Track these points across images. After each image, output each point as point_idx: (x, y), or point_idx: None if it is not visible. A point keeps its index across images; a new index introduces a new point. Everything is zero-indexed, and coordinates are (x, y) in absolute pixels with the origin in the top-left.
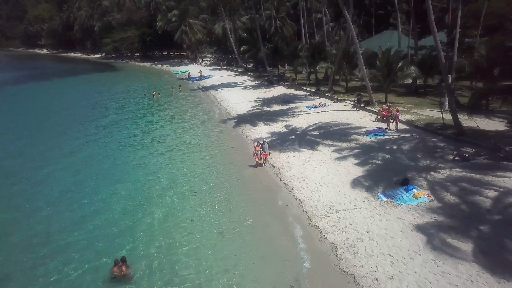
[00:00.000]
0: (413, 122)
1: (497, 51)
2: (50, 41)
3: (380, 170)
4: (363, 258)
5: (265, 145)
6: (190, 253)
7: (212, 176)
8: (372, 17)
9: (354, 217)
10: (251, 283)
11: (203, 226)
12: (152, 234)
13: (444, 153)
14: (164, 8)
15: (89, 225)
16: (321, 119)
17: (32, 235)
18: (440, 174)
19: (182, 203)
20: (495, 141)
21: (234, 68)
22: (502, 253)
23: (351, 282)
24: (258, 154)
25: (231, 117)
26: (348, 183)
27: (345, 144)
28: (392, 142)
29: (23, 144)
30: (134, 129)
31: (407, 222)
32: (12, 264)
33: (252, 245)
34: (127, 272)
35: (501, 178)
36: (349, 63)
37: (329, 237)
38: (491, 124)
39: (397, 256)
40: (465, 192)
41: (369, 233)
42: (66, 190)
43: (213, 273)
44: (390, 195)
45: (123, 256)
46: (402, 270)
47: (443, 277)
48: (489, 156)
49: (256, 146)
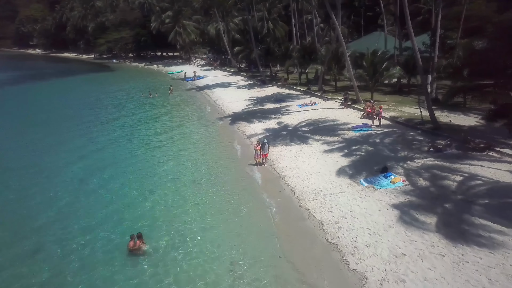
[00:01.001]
0: (395, 118)
1: (466, 52)
2: (42, 41)
3: (363, 161)
4: (346, 232)
5: (265, 145)
6: (198, 232)
7: (213, 167)
8: (361, 18)
9: (339, 200)
10: (250, 256)
11: (208, 208)
12: (163, 216)
13: (421, 145)
14: (158, 9)
15: (108, 209)
16: (311, 116)
17: (58, 215)
18: (415, 163)
19: (188, 190)
20: (465, 134)
21: (228, 68)
22: (460, 224)
23: (335, 250)
24: (258, 153)
25: (227, 115)
26: (334, 172)
27: (332, 138)
28: (375, 136)
29: (51, 139)
30: (135, 127)
31: (384, 202)
32: (45, 235)
33: (249, 224)
34: (141, 246)
35: (467, 166)
36: (337, 64)
37: (317, 215)
38: (466, 120)
39: (374, 229)
40: (435, 177)
41: (351, 212)
42: (86, 178)
43: (220, 249)
44: (371, 181)
45: (139, 233)
46: (377, 239)
47: (410, 244)
48: (459, 147)
49: (256, 146)
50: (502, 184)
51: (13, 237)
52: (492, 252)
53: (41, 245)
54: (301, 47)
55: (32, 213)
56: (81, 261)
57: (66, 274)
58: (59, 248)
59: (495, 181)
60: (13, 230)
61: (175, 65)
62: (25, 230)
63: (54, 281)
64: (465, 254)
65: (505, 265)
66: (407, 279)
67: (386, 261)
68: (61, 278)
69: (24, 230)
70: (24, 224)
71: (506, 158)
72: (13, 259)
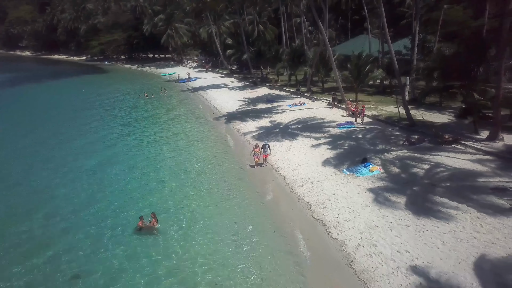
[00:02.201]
0: (376, 116)
1: (437, 56)
2: (32, 43)
3: (346, 153)
4: (329, 210)
5: (266, 146)
6: (202, 212)
7: (212, 161)
8: (348, 21)
9: (324, 186)
10: (251, 229)
11: (209, 194)
12: (171, 200)
13: (397, 140)
14: (150, 12)
15: (126, 196)
16: (300, 115)
17: (77, 198)
18: (391, 154)
19: (192, 179)
20: (436, 130)
21: (220, 70)
22: (424, 202)
23: (320, 224)
24: (257, 155)
25: (221, 115)
26: (320, 163)
27: (319, 134)
28: (357, 132)
29: (67, 138)
30: (137, 127)
31: (363, 187)
32: (77, 217)
33: (245, 206)
34: (154, 225)
35: (435, 156)
36: (325, 66)
37: (305, 198)
38: (440, 118)
39: (353, 208)
40: (407, 166)
41: (335, 195)
42: (105, 171)
43: (222, 226)
44: (352, 170)
45: (152, 212)
46: (355, 216)
47: (382, 218)
48: (431, 141)
49: (255, 148)
50: (462, 170)
51: (48, 219)
52: (447, 223)
53: (77, 224)
54: (290, 50)
55: (65, 199)
56: (107, 237)
57: (100, 246)
58: (89, 227)
59: (456, 168)
60: (48, 212)
61: (167, 67)
62: (61, 212)
63: (88, 254)
64: (426, 224)
65: (456, 231)
66: (378, 244)
67: (362, 232)
68: (94, 248)
69: (60, 213)
70: (59, 207)
71: (469, 150)
72: (52, 236)
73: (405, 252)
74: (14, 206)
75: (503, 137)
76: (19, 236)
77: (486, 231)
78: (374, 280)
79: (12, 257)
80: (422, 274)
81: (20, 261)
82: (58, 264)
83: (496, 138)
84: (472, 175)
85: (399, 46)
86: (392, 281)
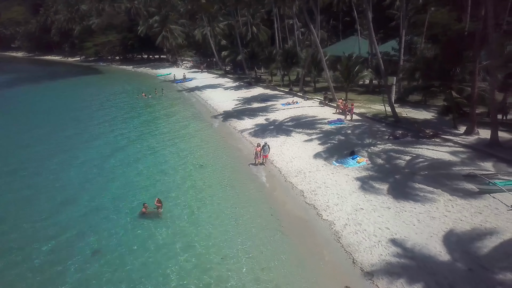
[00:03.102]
0: (364, 114)
1: (420, 58)
2: (25, 44)
3: (336, 147)
4: (320, 196)
5: (266, 147)
6: (204, 198)
7: (212, 155)
8: (340, 23)
9: (316, 176)
10: (251, 213)
11: (210, 183)
12: (175, 188)
13: (382, 135)
14: (145, 14)
15: (136, 185)
16: (294, 113)
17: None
18: (377, 148)
19: (194, 171)
20: (418, 126)
21: (214, 70)
22: (404, 188)
23: (312, 208)
24: (258, 155)
25: (219, 114)
26: (312, 156)
27: (311, 131)
28: (346, 128)
29: (79, 136)
30: (140, 125)
31: (350, 176)
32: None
33: (246, 194)
34: (159, 210)
35: (416, 149)
36: (316, 67)
37: (299, 187)
38: (423, 115)
39: (341, 194)
40: (391, 158)
41: (325, 183)
42: (118, 166)
43: (224, 209)
44: (341, 162)
45: (158, 198)
46: (343, 200)
47: (367, 202)
48: (413, 135)
49: (257, 147)
50: (439, 161)
51: (65, 203)
52: (423, 204)
53: (95, 209)
54: (283, 51)
55: (83, 188)
56: (118, 219)
57: (115, 227)
58: (105, 211)
59: (434, 159)
60: (67, 198)
61: (162, 68)
62: (79, 199)
63: (106, 233)
64: (405, 206)
65: (430, 211)
66: (363, 223)
67: (348, 213)
68: (111, 229)
69: (78, 199)
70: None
71: (447, 143)
72: (74, 218)
73: (386, 229)
74: (37, 194)
75: (478, 131)
76: (44, 219)
77: (456, 211)
78: (358, 252)
79: (40, 237)
80: (399, 246)
81: (46, 240)
82: (80, 242)
83: (472, 132)
84: (448, 165)
85: (387, 47)
86: (374, 252)
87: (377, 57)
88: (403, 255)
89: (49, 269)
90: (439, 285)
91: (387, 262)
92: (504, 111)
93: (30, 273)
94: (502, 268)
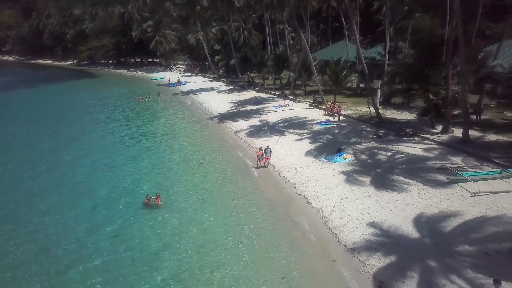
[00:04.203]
0: (351, 115)
1: (401, 63)
2: (17, 48)
3: (324, 146)
4: (310, 188)
5: (268, 150)
6: (202, 192)
7: (210, 153)
8: (329, 27)
9: (306, 170)
10: (248, 204)
11: (208, 178)
12: (178, 182)
13: (367, 134)
14: (138, 18)
15: (141, 180)
16: (286, 115)
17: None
18: (361, 145)
19: (193, 168)
20: (399, 125)
21: (208, 74)
22: (384, 180)
23: (303, 198)
24: (260, 158)
25: (214, 116)
26: (303, 154)
27: (302, 131)
28: (334, 129)
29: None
30: (141, 126)
31: (337, 170)
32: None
33: (244, 188)
34: (158, 202)
35: (397, 146)
36: (306, 71)
37: (291, 180)
38: (406, 115)
39: (329, 185)
40: (374, 154)
41: (314, 177)
42: (126, 163)
43: (221, 201)
44: (329, 158)
45: (158, 193)
46: (330, 191)
47: (351, 192)
48: (395, 134)
49: (259, 151)
50: (416, 156)
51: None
52: (400, 193)
53: (111, 201)
54: (275, 56)
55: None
56: (121, 210)
57: (126, 214)
58: (116, 203)
59: (412, 155)
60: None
61: (155, 72)
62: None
63: (106, 217)
64: (384, 195)
65: (405, 199)
66: (347, 209)
67: (335, 202)
68: (123, 216)
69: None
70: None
71: (425, 141)
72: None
73: (367, 214)
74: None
75: (453, 130)
76: (67, 211)
77: (427, 198)
78: (343, 232)
79: (67, 223)
80: (377, 227)
81: (74, 226)
82: (101, 228)
83: (447, 131)
84: (423, 159)
85: (374, 52)
86: (356, 232)
87: (361, 64)
88: (381, 234)
89: (79, 251)
90: (409, 257)
91: (367, 240)
92: (478, 112)
93: (61, 253)
94: (460, 242)
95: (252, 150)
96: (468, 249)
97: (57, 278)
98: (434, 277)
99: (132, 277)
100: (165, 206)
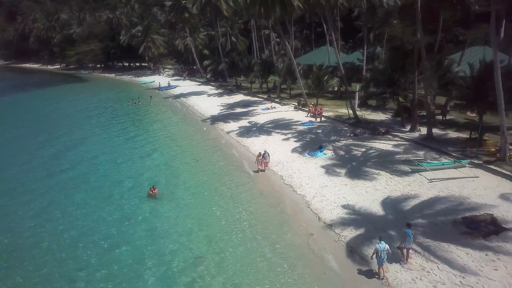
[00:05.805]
0: (331, 116)
1: (375, 69)
2: (2, 52)
3: (308, 143)
4: (295, 179)
5: (266, 154)
6: (197, 185)
7: (204, 152)
8: (312, 32)
9: (292, 165)
10: (243, 192)
11: (204, 173)
12: (174, 175)
13: (345, 133)
14: (127, 24)
15: (143, 175)
16: (273, 117)
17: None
18: (340, 143)
19: (190, 164)
20: (374, 125)
21: (196, 78)
22: (358, 171)
23: (289, 186)
24: (260, 162)
25: (206, 118)
26: (289, 151)
27: (288, 131)
28: (316, 129)
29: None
30: (138, 129)
31: (318, 164)
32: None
33: (237, 180)
34: (156, 193)
35: (371, 143)
36: (291, 76)
37: (279, 173)
38: (381, 116)
39: (311, 176)
40: (350, 150)
41: (299, 170)
42: (130, 161)
43: (219, 192)
44: (312, 154)
45: (154, 185)
46: (312, 181)
47: (330, 181)
48: (370, 133)
49: (258, 156)
50: (386, 151)
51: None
52: (371, 181)
53: (119, 194)
54: (261, 62)
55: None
56: (124, 200)
57: (119, 204)
58: (123, 194)
59: (383, 150)
60: (79, 185)
61: (144, 76)
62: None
63: (129, 207)
64: (357, 183)
65: (375, 186)
66: (326, 195)
67: (316, 189)
68: (114, 203)
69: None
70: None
71: (396, 138)
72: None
73: (343, 198)
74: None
75: (420, 129)
76: (81, 200)
77: (393, 184)
78: (322, 213)
79: (87, 212)
80: (351, 208)
81: (91, 213)
82: (112, 214)
83: (415, 130)
84: (392, 154)
85: (354, 57)
86: (333, 212)
87: (340, 71)
88: (353, 213)
89: (96, 232)
90: (375, 229)
91: (342, 218)
92: (444, 113)
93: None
94: (416, 217)
95: (243, 148)
96: (421, 222)
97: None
98: (393, 242)
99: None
100: (162, 197)
